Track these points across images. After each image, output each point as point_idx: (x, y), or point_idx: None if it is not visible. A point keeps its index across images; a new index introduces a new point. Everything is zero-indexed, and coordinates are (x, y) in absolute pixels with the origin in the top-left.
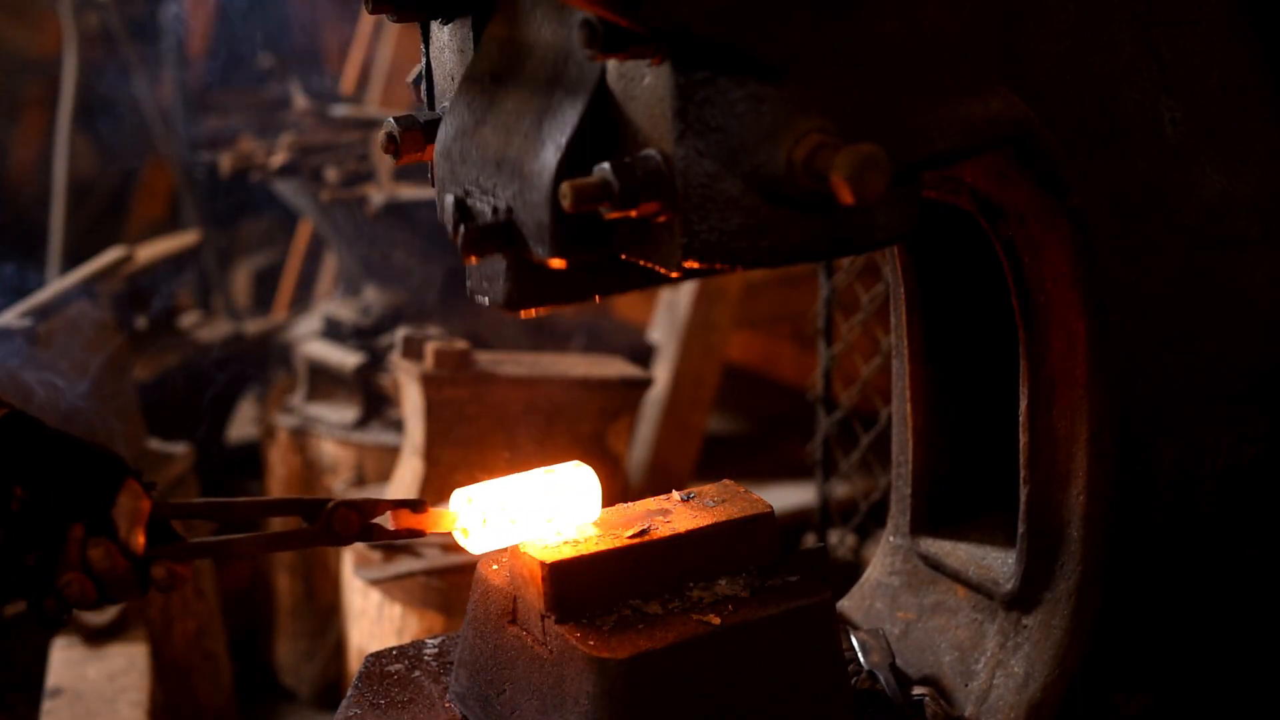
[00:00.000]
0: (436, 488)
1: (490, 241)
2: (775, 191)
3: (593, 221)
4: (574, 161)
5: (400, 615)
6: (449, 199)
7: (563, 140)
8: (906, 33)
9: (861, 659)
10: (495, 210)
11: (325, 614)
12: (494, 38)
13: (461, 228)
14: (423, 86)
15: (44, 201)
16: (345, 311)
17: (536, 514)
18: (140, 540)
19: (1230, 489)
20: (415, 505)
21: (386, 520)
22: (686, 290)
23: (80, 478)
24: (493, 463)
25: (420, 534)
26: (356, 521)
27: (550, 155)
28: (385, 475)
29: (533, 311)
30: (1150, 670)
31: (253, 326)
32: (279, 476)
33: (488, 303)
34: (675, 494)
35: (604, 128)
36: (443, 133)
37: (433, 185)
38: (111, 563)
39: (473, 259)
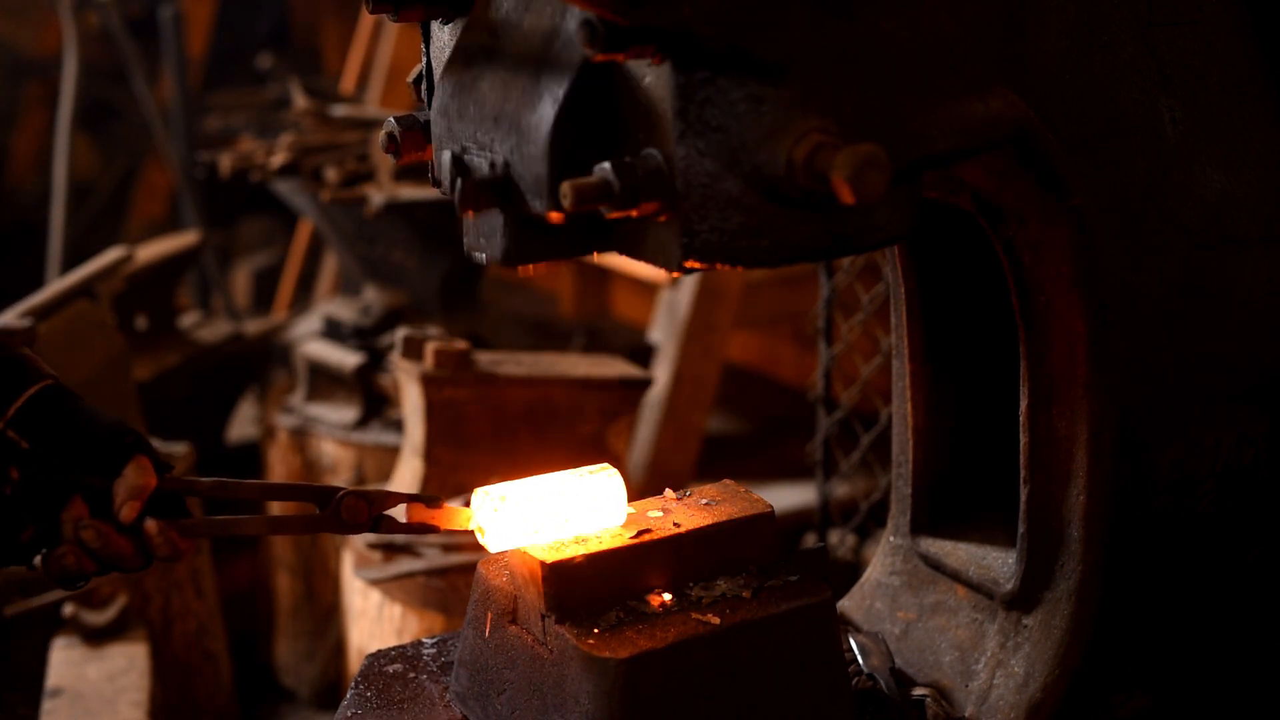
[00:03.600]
0: (436, 488)
1: (487, 195)
2: (775, 191)
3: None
4: (571, 114)
5: (400, 615)
6: (446, 155)
7: (560, 92)
8: (907, 33)
9: (861, 662)
10: (493, 165)
11: (325, 614)
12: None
13: (459, 182)
14: (423, 86)
15: (44, 201)
16: (345, 311)
17: (560, 516)
18: (131, 514)
19: (1230, 489)
20: (430, 501)
21: (399, 514)
22: (686, 290)
23: (87, 453)
24: (492, 463)
25: (433, 529)
26: (366, 511)
27: (548, 107)
28: (385, 475)
29: (530, 268)
30: (1150, 670)
31: (253, 326)
32: (279, 476)
33: (485, 259)
34: (669, 492)
35: (600, 83)
36: (439, 90)
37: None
38: (103, 542)
39: (470, 214)
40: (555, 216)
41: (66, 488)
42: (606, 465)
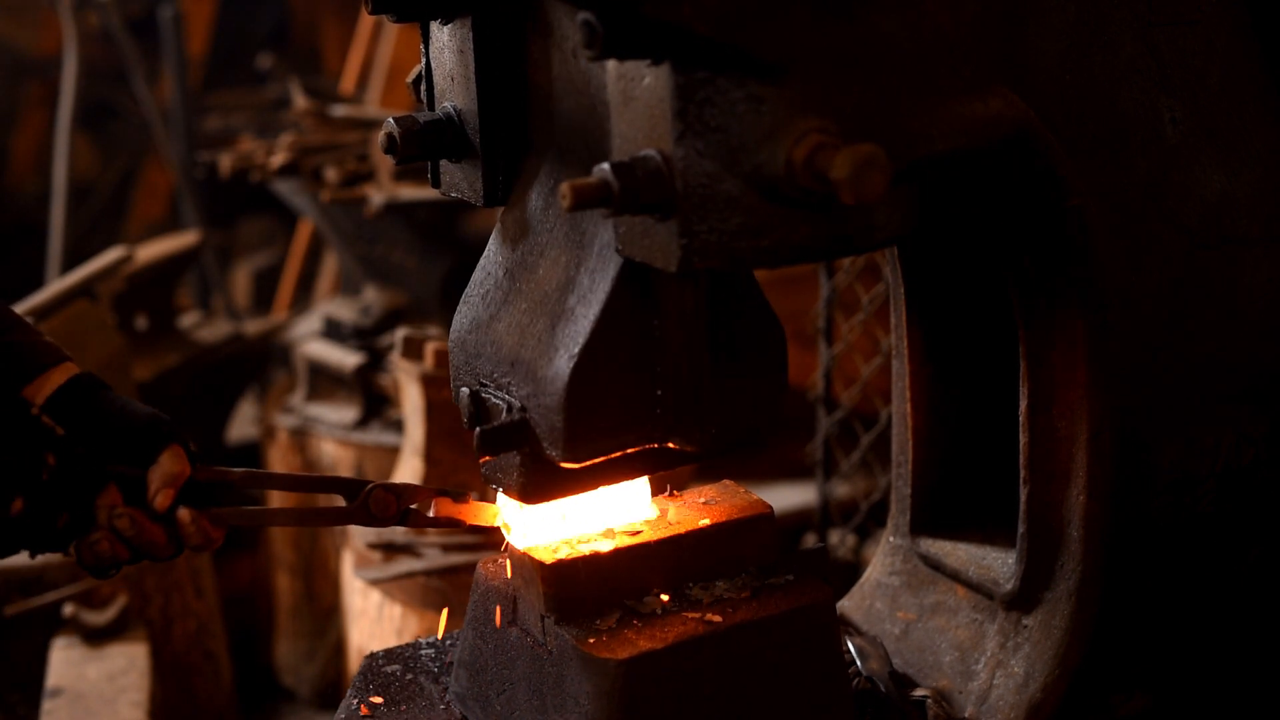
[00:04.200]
0: None
1: (504, 443)
2: (775, 191)
3: (607, 425)
4: (587, 370)
5: (400, 615)
6: (464, 392)
7: (575, 350)
8: (907, 33)
9: (859, 665)
10: (509, 407)
11: (325, 614)
12: (511, 225)
13: (476, 429)
14: (423, 86)
15: (44, 201)
16: (345, 311)
17: (587, 510)
18: (165, 501)
19: (1230, 489)
20: (457, 495)
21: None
22: None
23: (122, 440)
24: None
25: (460, 524)
26: (394, 505)
27: (563, 364)
28: (385, 475)
29: (545, 501)
30: (1150, 670)
31: (253, 326)
32: None
33: (502, 491)
34: (669, 491)
35: (615, 337)
36: (457, 321)
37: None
38: (137, 530)
39: (486, 459)
40: (571, 466)
41: (101, 475)
42: None
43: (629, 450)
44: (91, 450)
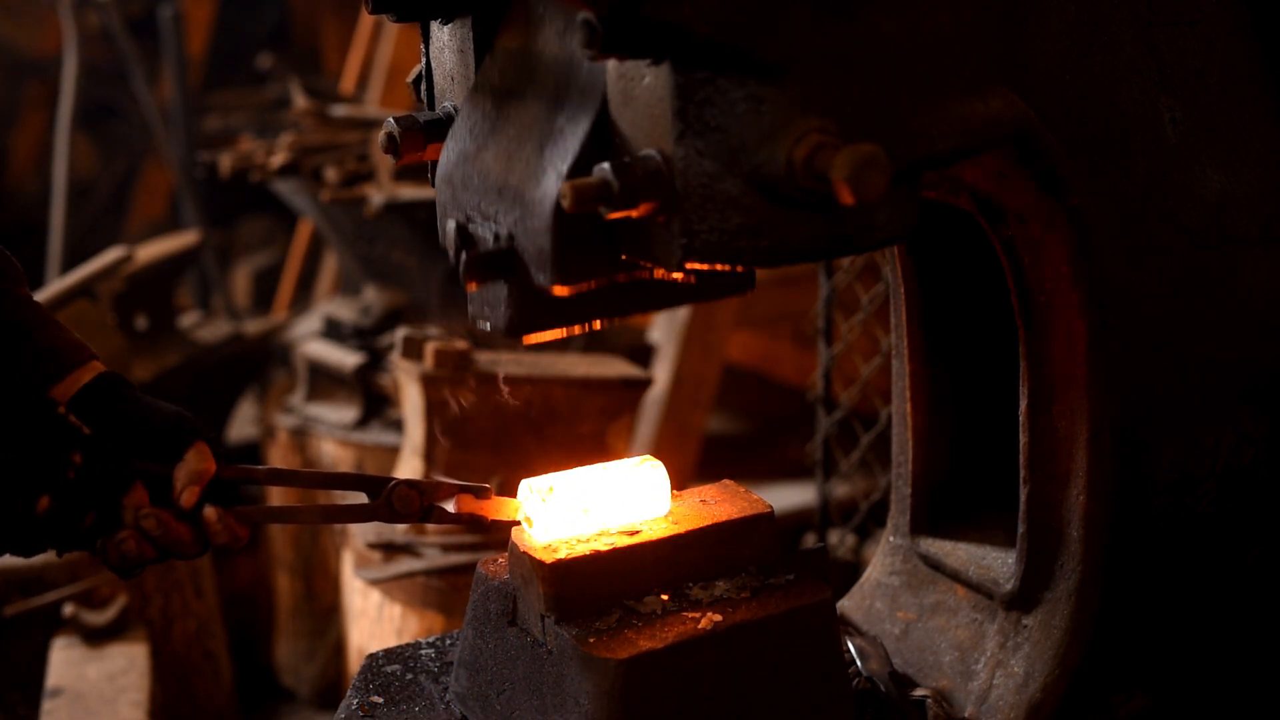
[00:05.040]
0: None
1: (491, 269)
2: (775, 191)
3: (595, 247)
4: None
5: (400, 615)
6: (450, 224)
7: (564, 168)
8: (907, 32)
9: (859, 665)
10: (497, 236)
11: (325, 614)
12: (499, 52)
13: (463, 254)
14: (423, 86)
15: (44, 201)
16: (345, 311)
17: (606, 507)
18: (191, 499)
19: (1230, 489)
20: (479, 491)
21: (449, 505)
22: None
23: (148, 438)
24: (492, 463)
25: (482, 520)
26: (417, 501)
27: (551, 183)
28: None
29: (534, 337)
30: (1150, 670)
31: (253, 326)
32: None
33: (489, 328)
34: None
35: (604, 152)
36: (444, 157)
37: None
38: (164, 530)
39: (473, 285)
40: (560, 291)
41: (127, 473)
42: (649, 457)
43: (618, 279)
44: (117, 448)
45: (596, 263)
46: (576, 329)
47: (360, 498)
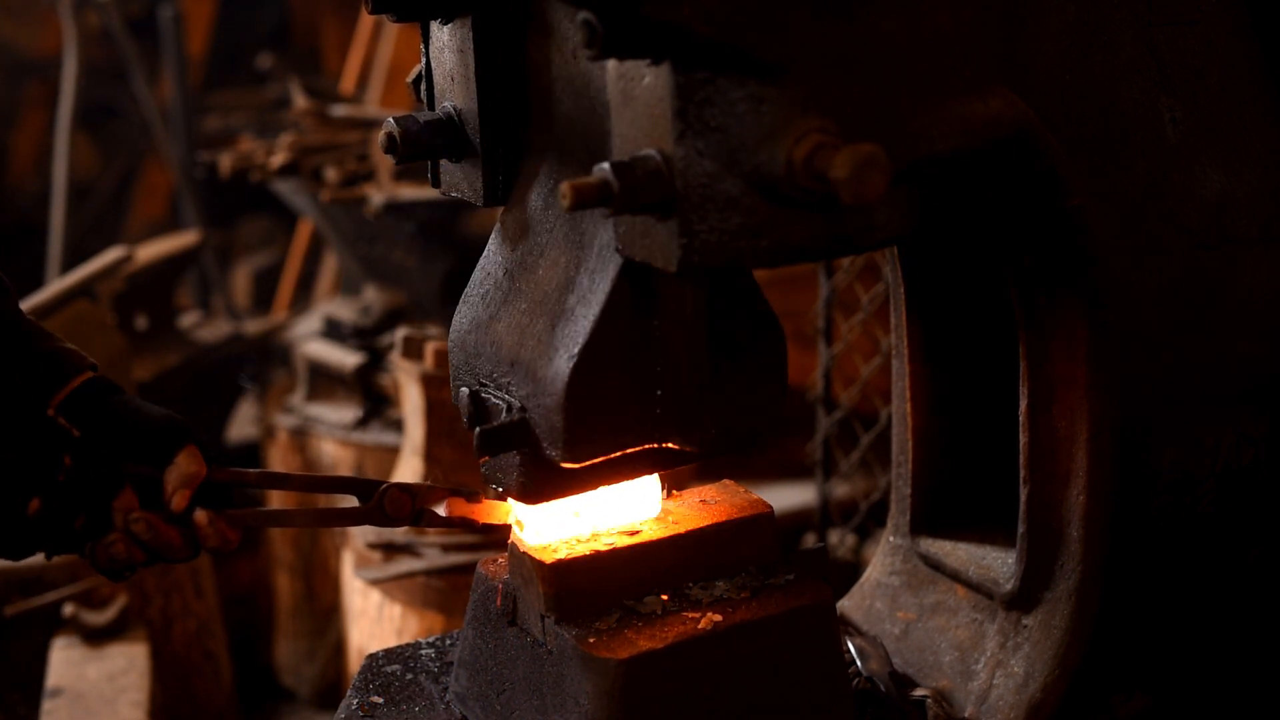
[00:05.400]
0: None
1: (504, 443)
2: (775, 191)
3: (607, 424)
4: (586, 371)
5: (400, 615)
6: (464, 392)
7: (575, 350)
8: (907, 32)
9: (859, 665)
10: (509, 408)
11: (325, 614)
12: (511, 226)
13: (476, 429)
14: (423, 86)
15: (44, 201)
16: (345, 311)
17: (598, 509)
18: (182, 502)
19: (1230, 489)
20: (470, 494)
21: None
22: None
23: (138, 441)
24: None
25: (473, 523)
26: (409, 505)
27: (563, 363)
28: (385, 475)
29: (545, 501)
30: (1150, 670)
31: (253, 326)
32: None
33: (501, 492)
34: (669, 491)
35: (615, 337)
36: (457, 322)
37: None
38: (153, 533)
39: (485, 459)
40: (570, 466)
41: (117, 476)
42: None
43: (628, 450)
44: (107, 451)
45: (607, 439)
46: (586, 492)
47: (354, 500)
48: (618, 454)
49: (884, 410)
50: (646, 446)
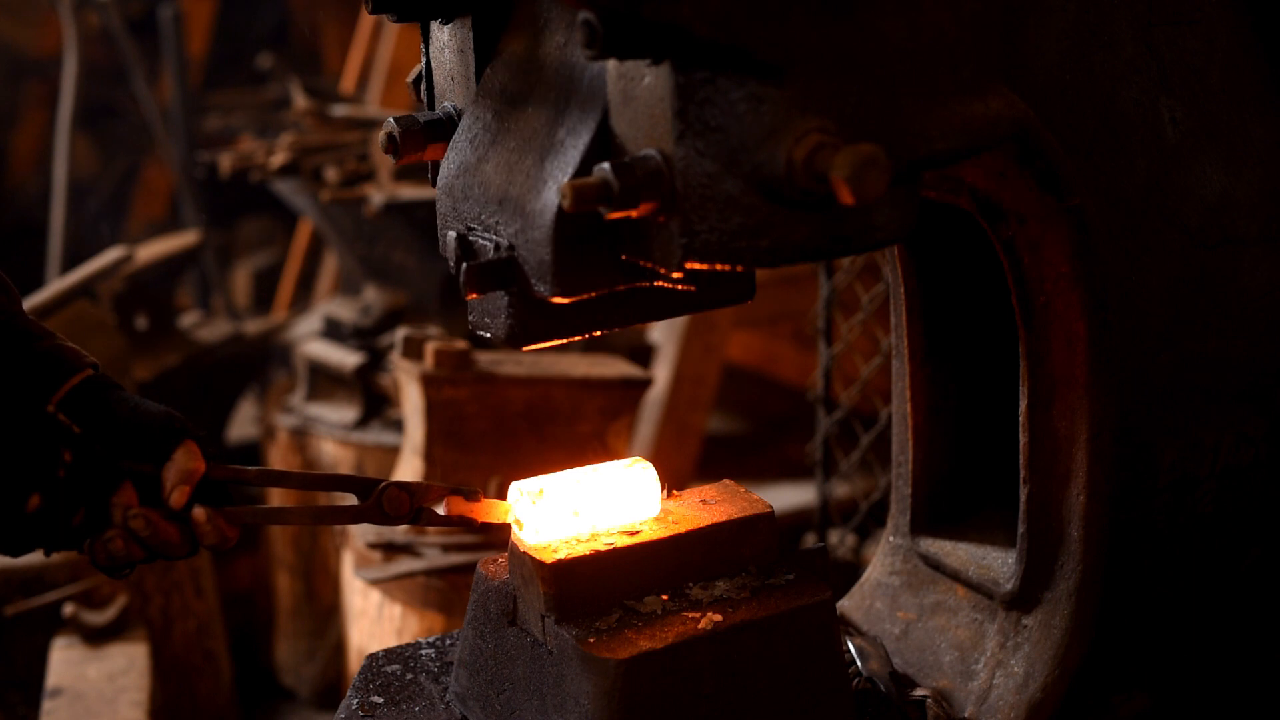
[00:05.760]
0: None
1: (492, 279)
2: (775, 191)
3: (595, 258)
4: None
5: (400, 615)
6: (451, 235)
7: (564, 180)
8: (907, 33)
9: (859, 665)
10: (497, 247)
11: (325, 614)
12: (501, 59)
13: (463, 265)
14: (423, 86)
15: (44, 201)
16: (345, 311)
17: (597, 509)
18: (181, 499)
19: (1230, 489)
20: (469, 493)
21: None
22: None
23: (137, 438)
24: (492, 463)
25: (472, 522)
26: (407, 503)
27: (552, 195)
28: (385, 475)
29: (534, 346)
30: (1150, 670)
31: (253, 326)
32: None
33: (489, 336)
34: (669, 491)
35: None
36: (444, 168)
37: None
38: (152, 530)
39: (473, 295)
40: (560, 301)
41: (116, 473)
42: (639, 459)
43: (618, 289)
44: (107, 448)
45: (596, 273)
46: (576, 338)
47: (352, 499)
48: (606, 291)
49: (884, 410)
50: (637, 285)
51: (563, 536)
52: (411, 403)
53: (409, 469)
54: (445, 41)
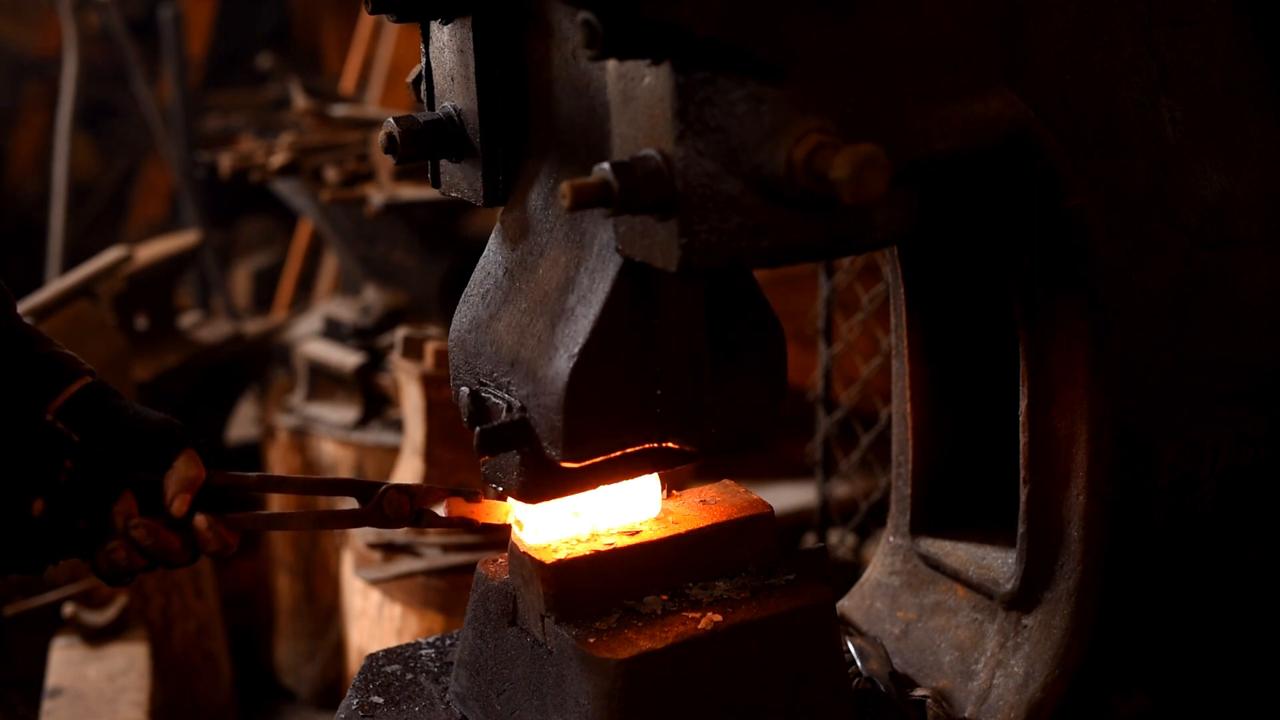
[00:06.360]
0: None
1: (504, 443)
2: (775, 191)
3: (606, 424)
4: (586, 370)
5: (400, 615)
6: (464, 391)
7: (575, 349)
8: (906, 32)
9: (859, 665)
10: (509, 407)
11: (325, 614)
12: (511, 225)
13: (477, 429)
14: (423, 86)
15: (44, 201)
16: (345, 311)
17: (597, 509)
18: (182, 507)
19: (1230, 489)
20: (469, 494)
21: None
22: None
23: (137, 446)
24: None
25: (473, 524)
26: (408, 506)
27: (563, 363)
28: (385, 475)
29: (545, 501)
30: (1150, 670)
31: (253, 326)
32: None
33: (501, 492)
34: (669, 491)
35: (615, 337)
36: (457, 321)
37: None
38: (154, 539)
39: (486, 458)
40: (570, 465)
41: (116, 481)
42: None
43: (628, 450)
44: (107, 456)
45: (607, 439)
46: (586, 492)
47: (353, 502)
48: (618, 453)
49: (884, 410)
50: (646, 446)
51: (563, 536)
52: (411, 403)
53: (409, 469)
54: (445, 41)
